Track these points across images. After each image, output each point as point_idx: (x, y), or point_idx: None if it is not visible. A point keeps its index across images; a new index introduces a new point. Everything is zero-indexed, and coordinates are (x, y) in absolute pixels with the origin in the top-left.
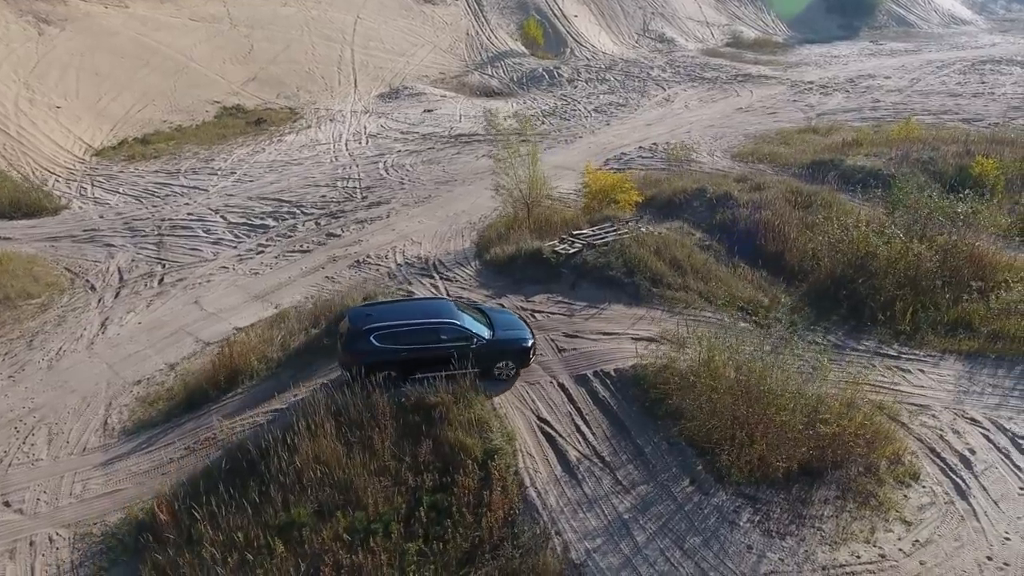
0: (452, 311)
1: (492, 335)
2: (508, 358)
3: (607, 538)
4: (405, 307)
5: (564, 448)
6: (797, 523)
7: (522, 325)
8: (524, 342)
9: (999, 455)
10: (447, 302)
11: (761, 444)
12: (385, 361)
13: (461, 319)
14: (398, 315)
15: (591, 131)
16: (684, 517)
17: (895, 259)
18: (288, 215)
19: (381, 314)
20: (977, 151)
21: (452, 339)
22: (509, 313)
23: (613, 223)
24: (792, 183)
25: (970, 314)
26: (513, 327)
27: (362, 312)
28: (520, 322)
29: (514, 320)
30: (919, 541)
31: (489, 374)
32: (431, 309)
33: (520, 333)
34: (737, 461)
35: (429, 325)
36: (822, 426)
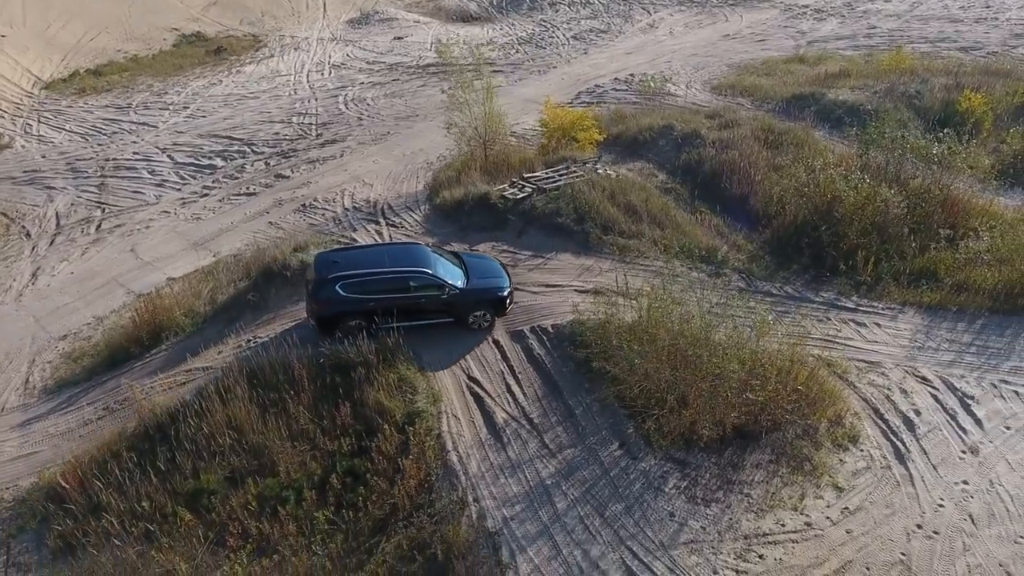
0: (424, 258)
1: (466, 283)
2: (483, 308)
3: (527, 505)
4: (374, 253)
5: (492, 409)
6: (725, 489)
7: (499, 272)
8: (500, 291)
9: (945, 416)
10: (420, 248)
11: (694, 408)
12: (352, 311)
13: (433, 267)
14: (366, 262)
15: (567, 60)
16: (609, 483)
17: (861, 205)
18: (237, 154)
19: (348, 261)
20: (968, 84)
21: (422, 288)
22: (488, 259)
23: (569, 165)
24: (766, 120)
25: (936, 264)
26: (490, 274)
27: (328, 259)
28: (498, 268)
29: (492, 267)
30: (849, 508)
31: (463, 323)
32: (402, 256)
33: (496, 281)
34: (662, 427)
35: (398, 274)
36: (751, 394)
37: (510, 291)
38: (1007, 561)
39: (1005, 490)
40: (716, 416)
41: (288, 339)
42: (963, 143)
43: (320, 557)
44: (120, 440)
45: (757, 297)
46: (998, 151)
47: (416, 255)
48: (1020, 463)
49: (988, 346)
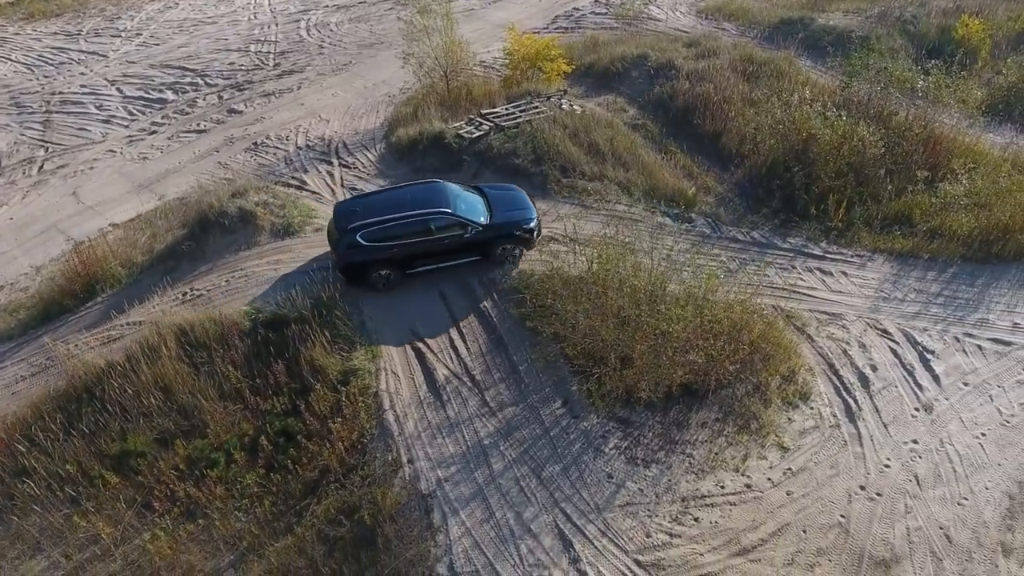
0: (444, 197)
1: (490, 219)
2: (510, 241)
3: (462, 466)
4: (394, 196)
5: (433, 366)
6: (667, 449)
7: (525, 203)
8: (526, 223)
9: (902, 372)
10: (440, 186)
11: (636, 368)
12: (377, 260)
13: (453, 205)
14: (385, 207)
15: None
16: (548, 443)
17: (838, 144)
18: (190, 87)
19: (367, 208)
20: (969, 7)
21: (445, 228)
22: (513, 190)
23: (532, 100)
24: (746, 49)
25: (912, 208)
26: (515, 206)
27: (347, 209)
28: (523, 199)
29: (517, 197)
30: (792, 469)
31: (491, 259)
32: (422, 196)
33: (522, 213)
34: (603, 387)
35: (418, 217)
36: (694, 355)
37: (537, 222)
38: (948, 524)
39: (955, 450)
40: (659, 376)
41: (224, 291)
42: (955, 74)
43: (246, 521)
44: (47, 400)
45: (722, 243)
46: (992, 83)
47: (436, 194)
48: (974, 421)
49: (956, 297)
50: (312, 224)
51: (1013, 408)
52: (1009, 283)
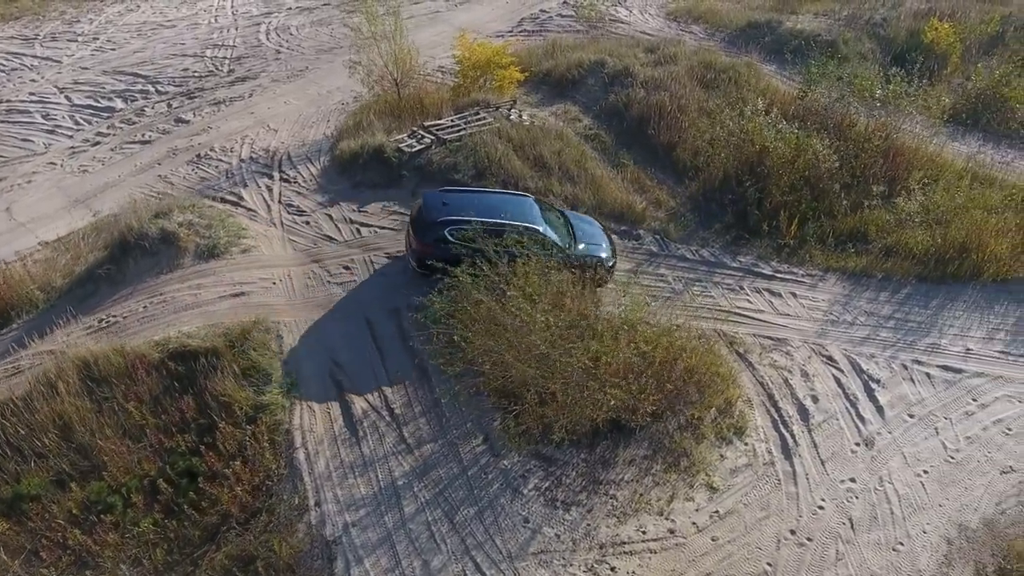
0: (535, 213)
1: (571, 247)
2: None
3: (373, 509)
4: (485, 200)
5: (352, 399)
6: (590, 490)
7: (603, 239)
8: (603, 261)
9: (845, 403)
10: (530, 201)
11: (559, 403)
12: (457, 258)
13: (544, 225)
14: (477, 208)
15: None
16: (465, 483)
17: (791, 158)
18: (140, 94)
19: (458, 204)
20: (942, 9)
21: (530, 245)
22: (593, 223)
23: (479, 110)
24: (707, 55)
25: (868, 224)
26: (594, 240)
27: (437, 199)
28: (602, 234)
29: (596, 232)
30: (719, 512)
31: None
32: (512, 207)
33: (599, 250)
34: (518, 425)
35: (511, 228)
36: (612, 391)
37: (613, 263)
38: (880, 572)
39: (894, 489)
40: (580, 413)
41: (140, 318)
42: (920, 81)
43: (135, 573)
44: None
45: (669, 262)
46: (961, 89)
47: (526, 209)
48: (916, 457)
49: (908, 320)
50: (239, 245)
51: (959, 442)
52: (964, 304)
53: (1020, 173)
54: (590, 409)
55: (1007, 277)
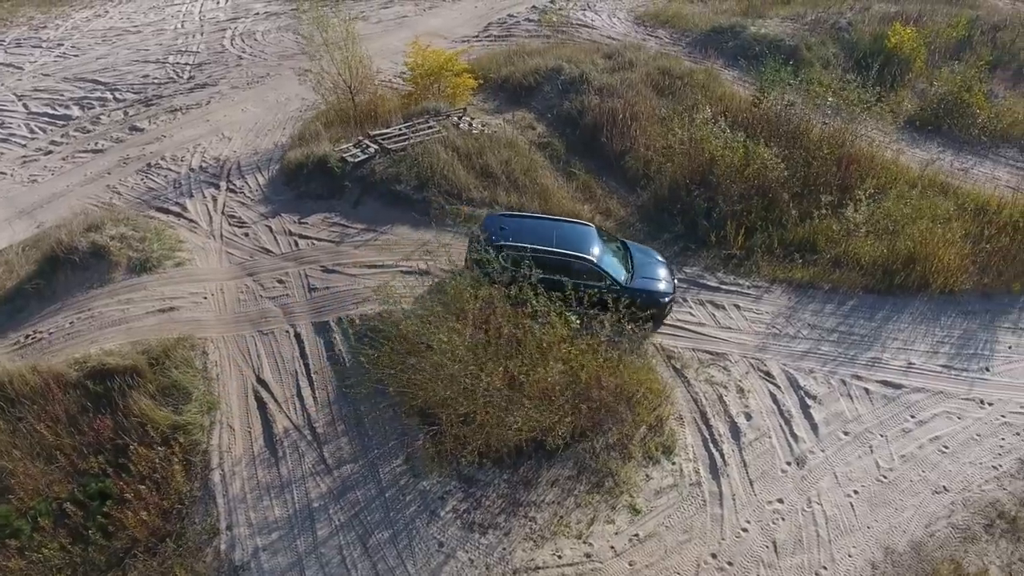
0: (592, 244)
1: (628, 280)
2: (639, 309)
3: (286, 532)
4: (543, 227)
5: (274, 417)
6: (509, 512)
7: (664, 274)
8: (660, 297)
9: (779, 421)
10: (590, 230)
11: (480, 423)
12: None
13: (599, 255)
14: (534, 235)
15: None
16: (382, 505)
17: (741, 167)
18: (97, 102)
19: (516, 230)
20: (910, 12)
21: (583, 275)
22: (655, 256)
23: (429, 118)
24: (665, 61)
25: (817, 234)
26: (654, 275)
27: (496, 223)
28: (664, 270)
29: (657, 266)
30: (639, 535)
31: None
32: (570, 235)
33: (658, 285)
34: (438, 446)
35: (563, 256)
36: (522, 412)
37: (671, 299)
38: None
39: (822, 510)
40: (493, 436)
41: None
42: (878, 87)
43: None
44: None
45: None
46: (924, 94)
47: (584, 238)
48: (848, 476)
49: (852, 333)
50: (174, 258)
51: (893, 461)
52: (911, 317)
53: (977, 180)
54: (505, 431)
55: (955, 289)
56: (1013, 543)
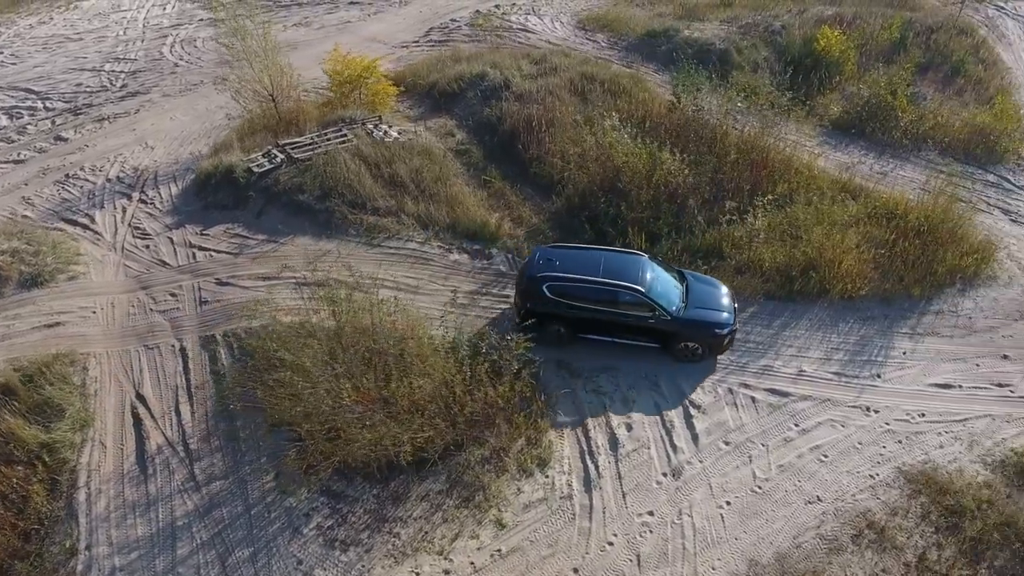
0: (641, 273)
1: (681, 311)
2: (695, 341)
3: (146, 551)
4: (592, 257)
5: (148, 433)
6: (374, 528)
7: (723, 304)
8: (717, 328)
9: (660, 431)
10: (642, 260)
11: (346, 437)
12: (555, 315)
13: (648, 285)
14: (582, 266)
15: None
16: (247, 522)
17: (648, 173)
18: (27, 111)
19: (565, 261)
20: (847, 14)
21: (631, 306)
22: (715, 284)
23: (343, 126)
24: (591, 66)
25: (724, 240)
26: (711, 304)
27: (545, 255)
28: (723, 298)
29: (716, 295)
30: (501, 551)
31: (670, 352)
32: (620, 266)
33: (715, 315)
34: (302, 460)
35: (608, 287)
36: (384, 429)
37: (731, 330)
38: None
39: (692, 522)
40: (350, 453)
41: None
42: (803, 89)
43: None
44: None
45: None
46: (852, 97)
47: (635, 268)
48: (723, 487)
49: (748, 340)
50: (68, 272)
51: (770, 471)
52: (809, 323)
53: (895, 183)
54: (357, 447)
55: (854, 295)
56: (879, 553)
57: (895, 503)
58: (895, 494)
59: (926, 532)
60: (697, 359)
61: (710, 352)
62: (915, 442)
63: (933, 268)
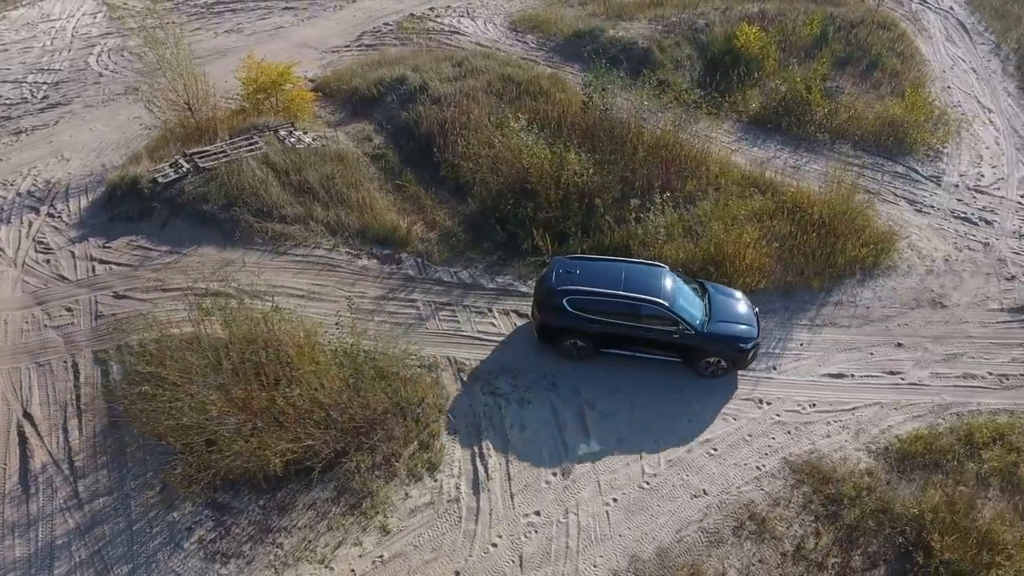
0: (663, 287)
1: (704, 325)
2: (719, 355)
3: (23, 572)
4: (614, 269)
5: (34, 452)
6: (257, 539)
7: (746, 317)
8: (741, 342)
9: (553, 431)
10: (662, 271)
11: (225, 448)
12: (575, 330)
13: (671, 299)
14: (603, 279)
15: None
16: (128, 539)
17: (555, 173)
18: None
19: (585, 273)
20: (772, 11)
21: (653, 320)
22: (737, 297)
23: (254, 134)
24: (512, 68)
25: (631, 238)
26: (734, 318)
27: (564, 267)
28: (747, 313)
29: (739, 309)
30: (384, 557)
31: (693, 367)
32: (641, 278)
33: (738, 329)
34: (173, 475)
35: (630, 301)
36: (256, 440)
37: (755, 344)
38: None
39: (577, 520)
40: (251, 459)
41: None
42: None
43: None
44: None
45: (425, 286)
46: (771, 92)
47: (654, 280)
48: (612, 484)
49: None
50: None
51: (659, 466)
52: None
53: (806, 177)
54: (225, 457)
55: (755, 288)
56: (757, 544)
57: (778, 493)
58: (779, 485)
59: (806, 521)
60: (720, 374)
61: (733, 366)
62: (803, 432)
63: (833, 260)
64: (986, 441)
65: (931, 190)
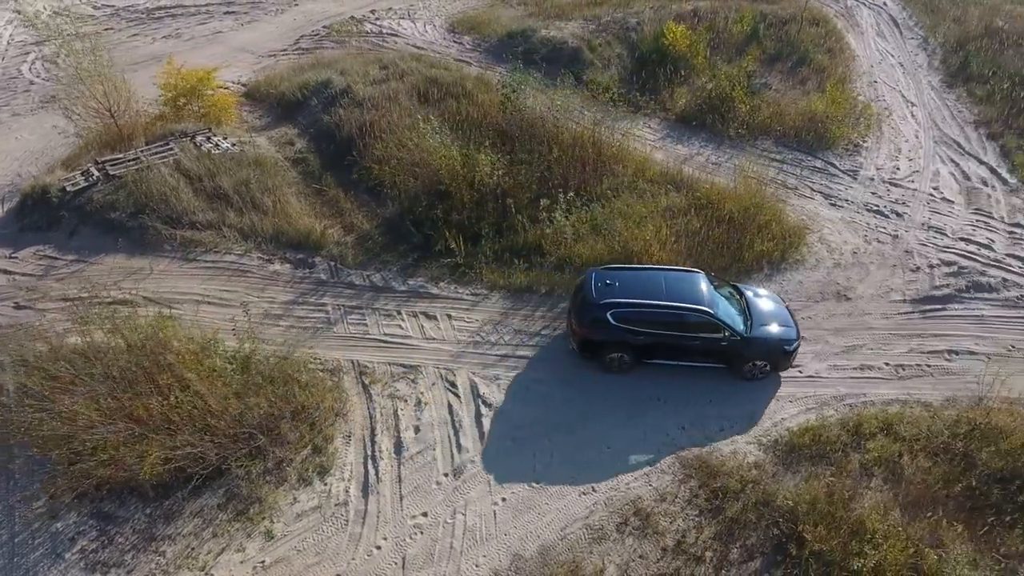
0: (705, 294)
1: (748, 330)
2: (763, 359)
3: None
4: (651, 278)
5: None
6: (140, 548)
7: (786, 319)
8: (785, 344)
9: (448, 432)
10: (700, 277)
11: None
12: (619, 342)
13: (715, 306)
14: (642, 289)
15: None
16: (9, 551)
17: (467, 174)
18: None
19: (625, 284)
20: (703, 11)
21: (699, 328)
22: (774, 300)
23: (170, 140)
24: (437, 70)
25: (544, 238)
26: (774, 321)
27: (603, 278)
28: (786, 315)
29: (778, 311)
30: (265, 562)
31: (736, 373)
32: (680, 286)
33: (781, 331)
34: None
35: (677, 311)
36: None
37: (797, 344)
38: None
39: (464, 520)
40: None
41: None
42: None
43: None
44: None
45: (336, 290)
46: (698, 89)
47: (696, 287)
48: (503, 480)
49: (556, 334)
50: None
51: (551, 464)
52: None
53: (727, 173)
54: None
55: None
56: (639, 540)
57: (665, 489)
58: (667, 480)
59: (690, 515)
60: (762, 377)
61: (775, 369)
62: (696, 427)
63: (741, 255)
64: (873, 432)
65: (847, 184)
